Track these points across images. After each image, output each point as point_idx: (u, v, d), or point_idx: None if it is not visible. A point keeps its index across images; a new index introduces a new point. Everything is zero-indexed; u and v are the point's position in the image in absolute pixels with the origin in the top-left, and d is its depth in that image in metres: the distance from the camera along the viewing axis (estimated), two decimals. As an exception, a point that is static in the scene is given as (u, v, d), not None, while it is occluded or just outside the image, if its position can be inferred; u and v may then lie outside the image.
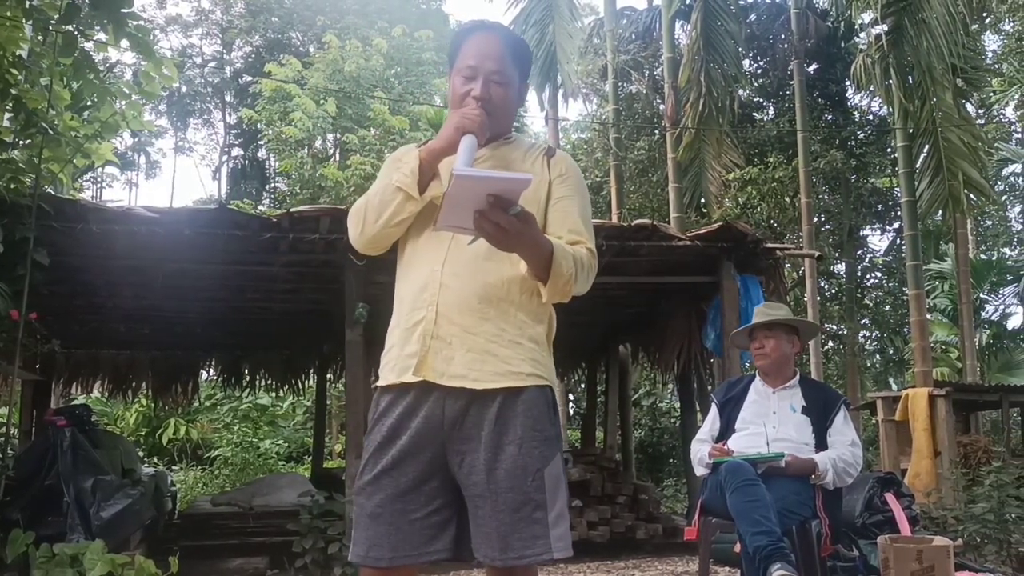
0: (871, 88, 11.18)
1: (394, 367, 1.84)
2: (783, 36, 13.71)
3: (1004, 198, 19.06)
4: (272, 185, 27.22)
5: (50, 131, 4.55)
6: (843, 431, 3.55)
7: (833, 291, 14.49)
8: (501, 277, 1.80)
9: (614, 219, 11.47)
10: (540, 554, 1.71)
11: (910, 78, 9.71)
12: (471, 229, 1.63)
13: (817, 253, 10.30)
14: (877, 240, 17.87)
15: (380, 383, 1.88)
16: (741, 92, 13.23)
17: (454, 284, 1.81)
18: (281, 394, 12.13)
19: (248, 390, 10.88)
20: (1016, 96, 16.01)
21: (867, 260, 15.40)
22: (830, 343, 14.65)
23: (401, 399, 1.82)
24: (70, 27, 4.38)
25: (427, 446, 1.79)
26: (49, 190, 4.97)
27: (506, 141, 1.97)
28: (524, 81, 2.01)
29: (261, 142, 20.43)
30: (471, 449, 1.76)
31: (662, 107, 13.01)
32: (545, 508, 1.73)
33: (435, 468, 1.79)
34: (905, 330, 14.84)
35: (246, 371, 10.17)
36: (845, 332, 14.06)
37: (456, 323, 1.79)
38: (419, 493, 1.78)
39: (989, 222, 20.13)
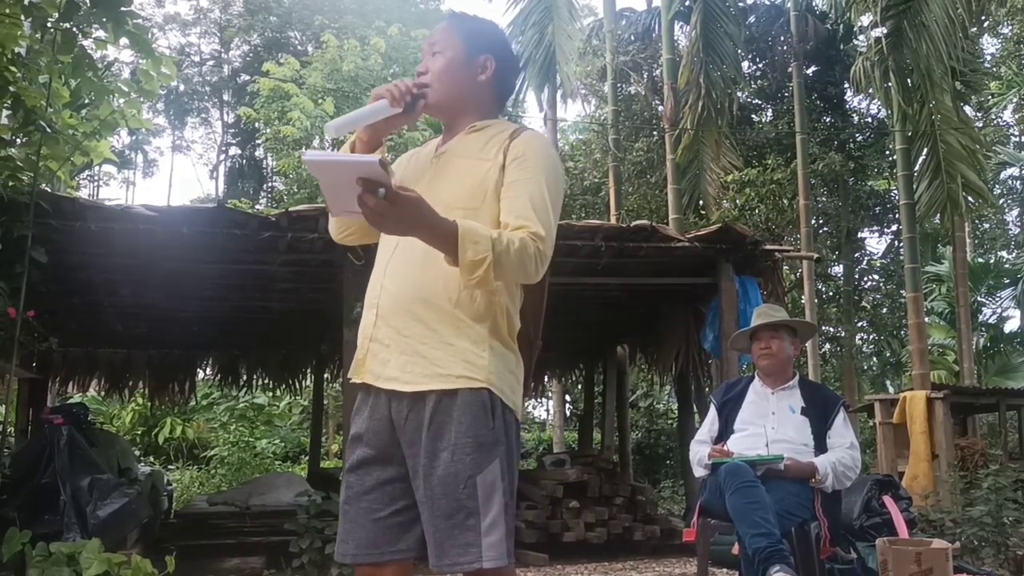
0: (870, 91, 11.17)
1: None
2: (782, 38, 13.70)
3: (1002, 201, 19.07)
4: (269, 184, 27.23)
5: (48, 129, 4.53)
6: (842, 433, 3.55)
7: (831, 293, 14.49)
8: (438, 275, 1.76)
9: (612, 220, 11.47)
10: (471, 562, 1.70)
11: (909, 81, 9.72)
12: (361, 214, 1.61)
13: (815, 255, 10.31)
14: (875, 243, 17.89)
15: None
16: (740, 94, 13.23)
17: (392, 286, 1.82)
18: (278, 393, 12.12)
19: (245, 389, 10.87)
20: (1014, 99, 16.06)
21: (865, 262, 15.41)
22: (828, 345, 14.64)
23: (366, 399, 1.86)
24: (69, 25, 4.37)
25: (385, 447, 1.81)
26: (47, 188, 4.95)
27: (473, 129, 1.93)
28: (482, 53, 1.94)
29: (259, 141, 20.42)
30: (414, 454, 1.77)
31: (661, 108, 13.01)
32: (478, 516, 1.71)
33: (397, 469, 1.80)
34: (902, 333, 14.88)
35: (243, 370, 10.14)
36: (843, 334, 14.06)
37: (391, 325, 1.80)
38: (382, 493, 1.80)
39: (987, 225, 20.14)
